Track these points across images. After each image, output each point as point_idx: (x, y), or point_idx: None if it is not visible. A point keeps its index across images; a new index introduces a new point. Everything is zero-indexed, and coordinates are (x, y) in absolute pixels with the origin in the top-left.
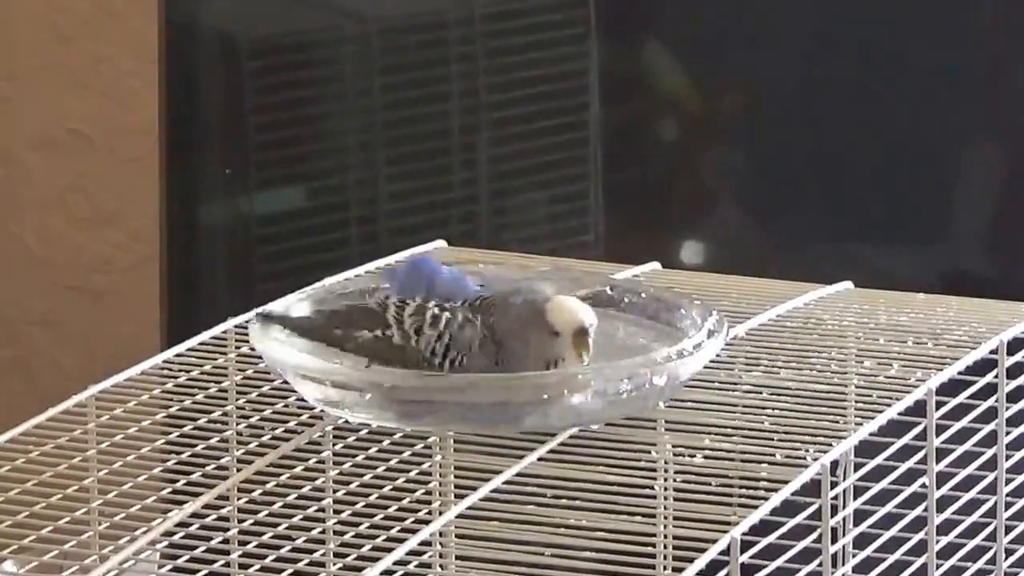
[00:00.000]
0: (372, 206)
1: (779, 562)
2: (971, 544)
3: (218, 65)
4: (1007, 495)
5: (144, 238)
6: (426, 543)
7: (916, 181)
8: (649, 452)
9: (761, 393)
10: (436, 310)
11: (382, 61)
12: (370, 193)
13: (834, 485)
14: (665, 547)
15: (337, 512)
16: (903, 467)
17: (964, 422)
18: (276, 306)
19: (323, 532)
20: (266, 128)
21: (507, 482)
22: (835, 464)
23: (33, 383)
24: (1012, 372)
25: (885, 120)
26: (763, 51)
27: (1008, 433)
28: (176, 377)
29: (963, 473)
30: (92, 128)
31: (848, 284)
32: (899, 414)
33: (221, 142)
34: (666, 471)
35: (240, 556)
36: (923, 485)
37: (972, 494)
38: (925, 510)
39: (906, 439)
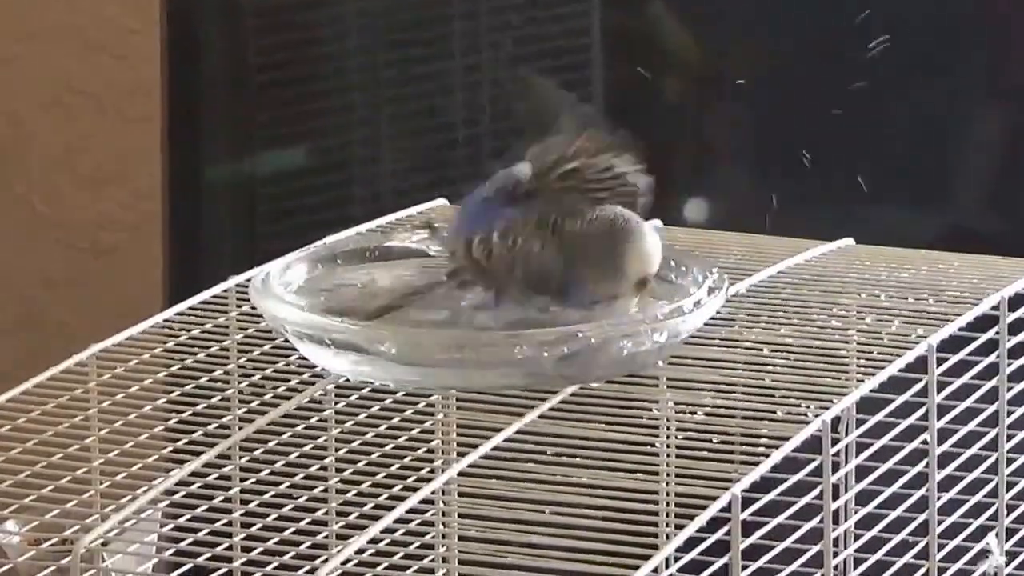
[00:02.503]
0: (375, 165)
1: (780, 519)
2: (973, 500)
3: (221, 24)
4: (1008, 451)
5: (148, 197)
6: (428, 501)
7: (918, 138)
8: (650, 409)
9: (762, 350)
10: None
11: (385, 19)
12: (373, 152)
13: (835, 442)
14: (667, 504)
15: (339, 470)
16: (904, 423)
17: (965, 378)
18: (275, 265)
19: (325, 490)
20: (269, 87)
21: (508, 439)
22: (836, 421)
23: (38, 342)
24: (1013, 328)
25: (888, 77)
26: (766, 9)
27: (1009, 389)
28: (177, 336)
29: (964, 429)
30: (96, 88)
31: (849, 241)
32: (900, 370)
33: (224, 101)
34: (667, 428)
35: (242, 515)
36: (924, 441)
37: (974, 450)
38: (926, 466)
39: (907, 395)
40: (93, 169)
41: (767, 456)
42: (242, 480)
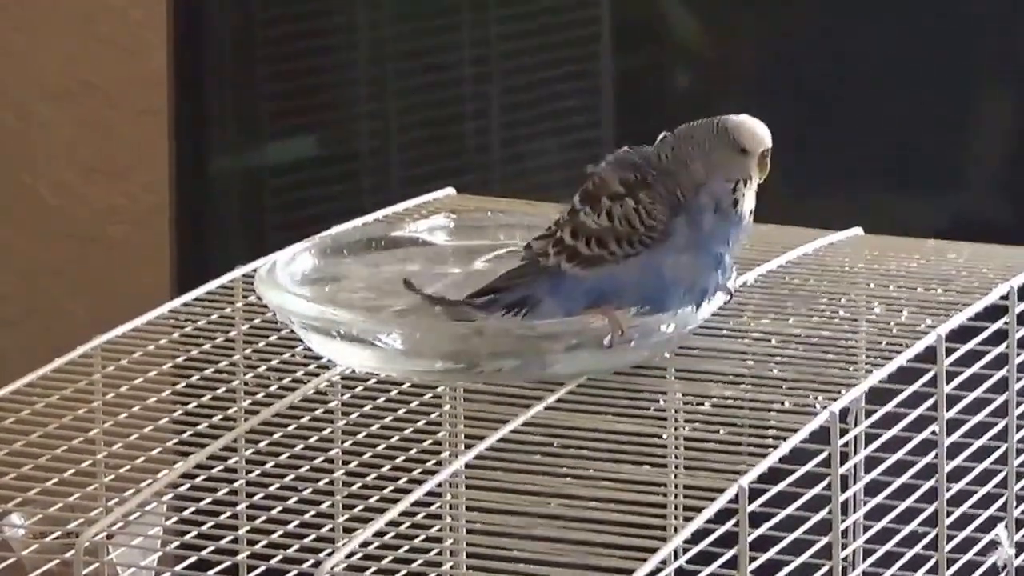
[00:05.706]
0: (384, 155)
1: (789, 510)
2: (982, 491)
3: (228, 14)
4: (1018, 442)
5: (156, 188)
6: (435, 493)
7: (927, 127)
8: (658, 400)
9: (770, 340)
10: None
11: (394, 9)
12: (381, 142)
13: (844, 432)
14: (675, 496)
15: (345, 463)
16: (913, 414)
17: (975, 368)
18: (281, 255)
19: (331, 483)
20: (277, 77)
21: (515, 431)
22: (845, 412)
23: (46, 333)
24: (1023, 318)
25: (897, 65)
26: None
27: (1019, 379)
28: (183, 327)
29: (974, 420)
30: (103, 79)
31: (858, 230)
32: (909, 361)
33: (232, 92)
34: (675, 419)
35: (247, 507)
36: (933, 432)
37: (983, 441)
38: (935, 457)
39: (916, 386)
40: (101, 161)
41: (775, 447)
42: (247, 472)
